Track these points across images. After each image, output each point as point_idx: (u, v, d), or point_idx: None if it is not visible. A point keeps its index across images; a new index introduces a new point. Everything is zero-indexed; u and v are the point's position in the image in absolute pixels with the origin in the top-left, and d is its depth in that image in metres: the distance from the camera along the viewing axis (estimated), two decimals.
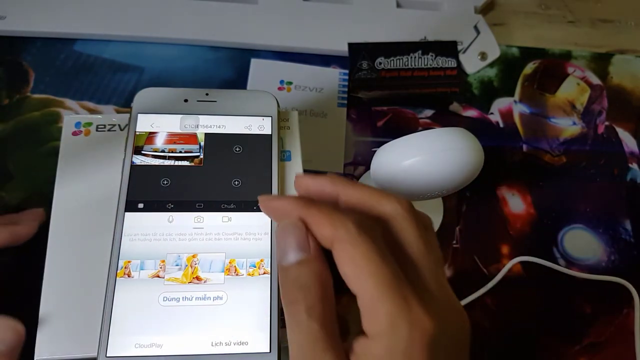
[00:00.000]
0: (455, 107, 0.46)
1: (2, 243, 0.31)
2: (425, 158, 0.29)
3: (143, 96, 0.30)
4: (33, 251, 0.34)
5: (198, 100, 0.30)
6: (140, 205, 0.27)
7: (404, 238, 0.22)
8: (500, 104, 0.46)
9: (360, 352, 0.20)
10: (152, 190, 0.28)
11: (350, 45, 0.45)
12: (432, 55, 0.45)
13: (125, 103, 0.42)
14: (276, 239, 0.23)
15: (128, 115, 0.30)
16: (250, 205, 0.28)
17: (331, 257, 0.22)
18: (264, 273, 0.26)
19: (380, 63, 0.45)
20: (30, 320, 0.26)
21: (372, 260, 0.20)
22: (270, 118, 0.31)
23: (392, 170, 0.30)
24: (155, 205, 0.27)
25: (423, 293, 0.21)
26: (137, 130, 0.29)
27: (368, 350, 0.20)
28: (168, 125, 0.29)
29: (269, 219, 0.28)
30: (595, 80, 0.48)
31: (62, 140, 0.30)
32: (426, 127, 0.45)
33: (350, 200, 0.23)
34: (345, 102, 0.44)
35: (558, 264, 0.41)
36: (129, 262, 0.26)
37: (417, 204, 0.39)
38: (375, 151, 0.32)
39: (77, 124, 0.31)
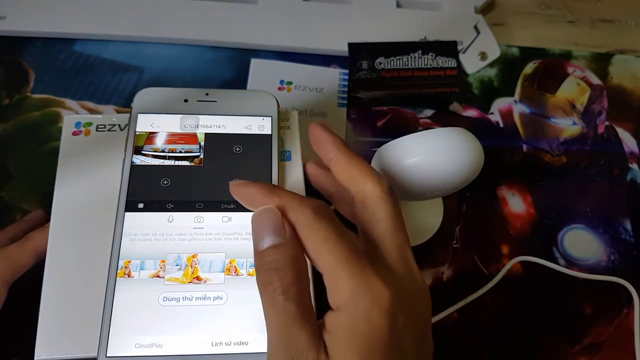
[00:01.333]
0: (455, 107, 0.46)
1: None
2: (425, 158, 0.29)
3: (143, 96, 0.30)
4: None
5: (198, 100, 0.30)
6: (140, 205, 0.27)
7: (377, 215, 0.25)
8: (500, 103, 0.46)
9: (329, 325, 0.22)
10: (152, 190, 0.28)
11: (350, 45, 0.45)
12: (432, 55, 0.45)
13: (125, 103, 0.42)
14: (252, 225, 0.24)
15: (128, 115, 0.30)
16: None
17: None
18: None
19: (380, 63, 0.45)
20: (30, 320, 0.26)
21: (330, 240, 0.22)
22: (270, 118, 0.31)
23: (392, 170, 0.30)
24: (155, 205, 0.27)
25: (382, 266, 0.23)
26: (137, 130, 0.29)
27: (335, 322, 0.22)
28: (168, 125, 0.30)
29: None
30: (595, 80, 0.48)
31: (62, 140, 0.30)
32: (426, 127, 0.45)
33: (338, 169, 0.26)
34: (345, 102, 0.44)
35: (558, 264, 0.41)
36: (129, 262, 0.26)
37: (417, 203, 0.39)
38: (375, 151, 0.32)
39: (77, 124, 0.31)
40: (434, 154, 0.29)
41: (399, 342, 0.22)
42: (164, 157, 0.29)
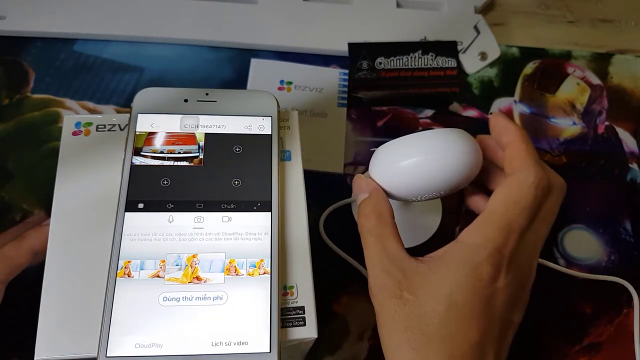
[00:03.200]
0: (455, 107, 0.46)
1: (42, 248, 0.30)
2: (422, 158, 0.29)
3: (143, 96, 0.30)
4: None
5: (198, 100, 0.30)
6: (140, 205, 0.27)
7: (517, 206, 0.28)
8: (500, 104, 0.46)
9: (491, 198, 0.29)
10: (152, 190, 0.28)
11: (350, 45, 0.45)
12: (432, 55, 0.45)
13: (125, 103, 0.42)
14: (353, 186, 0.32)
15: (128, 115, 0.30)
16: (250, 205, 0.28)
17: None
18: (264, 273, 0.26)
19: (380, 63, 0.45)
20: (30, 320, 0.26)
21: (531, 154, 0.29)
22: (270, 118, 0.31)
23: (390, 170, 0.30)
24: (155, 205, 0.27)
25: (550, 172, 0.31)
26: (137, 130, 0.29)
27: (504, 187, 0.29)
28: (168, 125, 0.30)
29: (269, 219, 0.28)
30: (596, 80, 0.48)
31: (62, 140, 0.30)
32: (426, 127, 0.45)
33: (512, 150, 0.30)
34: (345, 102, 0.44)
35: (558, 263, 0.41)
36: (129, 262, 0.26)
37: (415, 204, 0.39)
38: (374, 151, 0.32)
39: (77, 124, 0.31)
40: (431, 155, 0.29)
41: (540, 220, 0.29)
42: (164, 157, 0.29)
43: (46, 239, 0.28)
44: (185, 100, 0.30)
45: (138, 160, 0.28)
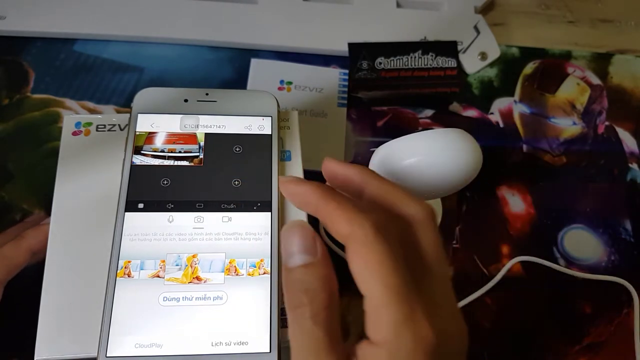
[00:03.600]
0: (455, 107, 0.46)
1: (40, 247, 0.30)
2: (422, 159, 0.29)
3: (143, 96, 0.30)
4: None
5: (198, 100, 0.30)
6: (140, 205, 0.27)
7: (423, 243, 0.22)
8: (500, 104, 0.46)
9: (363, 356, 0.20)
10: (152, 190, 0.28)
11: (350, 45, 0.45)
12: (432, 55, 0.45)
13: (125, 103, 0.42)
14: (282, 239, 0.22)
15: (128, 115, 0.30)
16: (250, 205, 0.28)
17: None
18: (264, 273, 0.26)
19: (380, 63, 0.45)
20: (30, 320, 0.26)
21: (385, 265, 0.20)
22: (270, 118, 0.31)
23: (390, 171, 0.30)
24: (155, 205, 0.27)
25: (430, 303, 0.21)
26: (137, 130, 0.29)
27: (370, 356, 0.20)
28: (168, 125, 0.30)
29: (269, 219, 0.28)
30: (596, 80, 0.48)
31: (62, 140, 0.30)
32: (426, 127, 0.45)
33: (376, 194, 0.23)
34: (345, 102, 0.44)
35: (558, 263, 0.41)
36: (129, 262, 0.26)
37: None
38: (373, 151, 0.32)
39: (77, 124, 0.31)
40: (431, 155, 0.29)
41: None
42: (164, 157, 0.29)
43: (45, 239, 0.28)
44: (185, 100, 0.30)
45: (138, 160, 0.28)
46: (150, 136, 0.29)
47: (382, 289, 0.20)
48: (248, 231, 0.27)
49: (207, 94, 0.31)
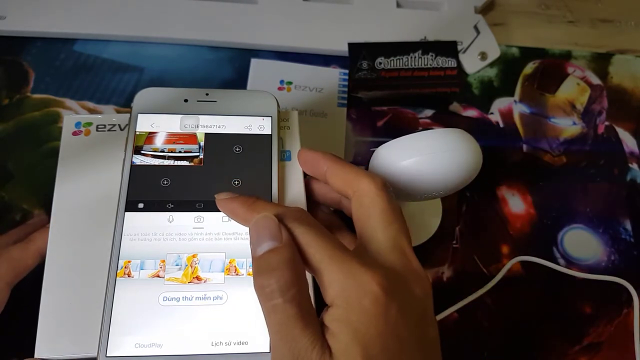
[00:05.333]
0: (455, 107, 0.46)
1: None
2: (422, 159, 0.29)
3: (143, 96, 0.30)
4: None
5: (198, 100, 0.30)
6: (140, 205, 0.27)
7: (371, 210, 0.26)
8: (500, 104, 0.46)
9: (327, 321, 0.22)
10: (152, 190, 0.28)
11: (350, 45, 0.45)
12: (432, 55, 0.45)
13: (125, 103, 0.42)
14: (250, 232, 0.24)
15: (128, 115, 0.30)
16: None
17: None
18: None
19: (380, 63, 0.45)
20: (30, 320, 0.26)
21: (313, 242, 0.23)
22: (270, 118, 0.31)
23: (390, 171, 0.30)
24: (155, 205, 0.27)
25: (372, 257, 0.24)
26: (137, 130, 0.29)
27: (332, 317, 0.22)
28: (168, 125, 0.30)
29: None
30: (596, 80, 0.48)
31: (62, 140, 0.30)
32: (426, 127, 0.45)
33: (334, 175, 0.28)
34: (345, 102, 0.44)
35: (558, 263, 0.41)
36: (129, 262, 0.26)
37: (416, 204, 0.39)
38: (373, 151, 0.32)
39: (77, 124, 0.31)
40: (431, 155, 0.29)
41: (395, 329, 0.22)
42: (164, 157, 0.29)
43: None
44: (185, 100, 0.30)
45: (138, 160, 0.28)
46: (150, 136, 0.29)
47: (319, 259, 0.23)
48: (248, 231, 0.27)
49: (207, 94, 0.31)
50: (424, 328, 0.24)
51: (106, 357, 0.24)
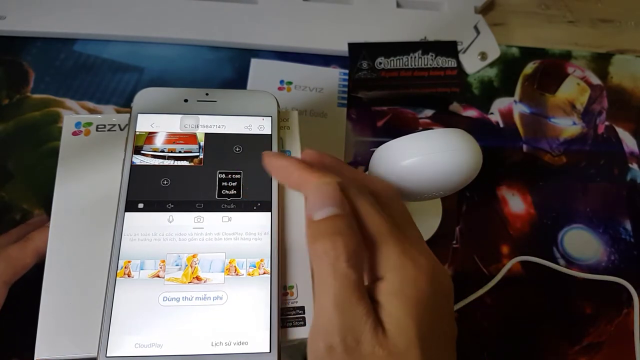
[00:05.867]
0: (455, 107, 0.46)
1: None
2: (422, 159, 0.29)
3: (143, 96, 0.30)
4: None
5: (198, 100, 0.30)
6: (140, 205, 0.27)
7: (395, 209, 0.26)
8: (500, 104, 0.46)
9: (379, 293, 0.23)
10: (152, 190, 0.28)
11: (350, 45, 0.45)
12: (432, 55, 0.45)
13: (125, 103, 0.42)
14: (312, 195, 0.24)
15: (128, 115, 0.30)
16: (250, 205, 0.28)
17: None
18: (264, 273, 0.26)
19: (380, 63, 0.45)
20: (30, 320, 0.26)
21: (378, 212, 0.24)
22: (270, 118, 0.31)
23: (390, 171, 0.30)
24: (155, 205, 0.27)
25: (416, 244, 0.25)
26: (137, 130, 0.29)
27: (386, 289, 0.22)
28: (168, 125, 0.30)
29: (269, 219, 0.28)
30: (596, 80, 0.48)
31: (62, 140, 0.30)
32: (426, 127, 0.45)
33: (350, 178, 0.26)
34: (345, 102, 0.44)
35: (558, 263, 0.41)
36: (129, 262, 0.26)
37: (416, 204, 0.39)
38: (373, 151, 0.32)
39: (77, 124, 0.31)
40: (431, 155, 0.29)
41: (438, 313, 0.23)
42: (163, 157, 0.29)
43: None
44: (185, 100, 0.30)
45: (138, 160, 0.28)
46: (150, 136, 0.29)
47: (380, 230, 0.23)
48: (248, 231, 0.27)
49: (207, 94, 0.31)
50: (451, 322, 0.25)
51: (106, 357, 0.24)
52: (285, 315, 0.26)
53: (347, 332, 0.21)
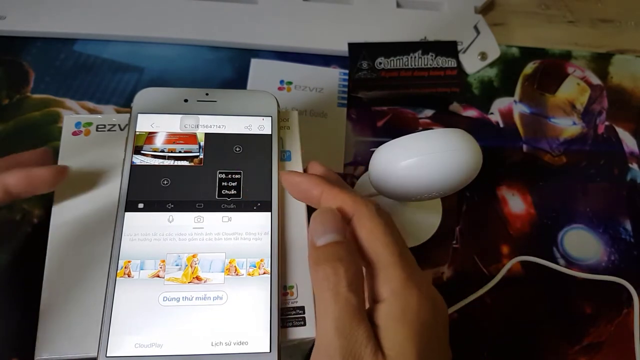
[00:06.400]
0: (455, 107, 0.46)
1: (18, 190, 0.26)
2: (422, 159, 0.29)
3: (143, 96, 0.30)
4: (33, 251, 0.34)
5: (198, 100, 0.30)
6: (140, 205, 0.27)
7: (376, 233, 0.25)
8: (500, 104, 0.46)
9: (380, 317, 0.23)
10: (152, 190, 0.28)
11: (350, 45, 0.45)
12: (432, 55, 0.45)
13: (125, 103, 0.42)
14: (313, 222, 0.25)
15: (128, 115, 0.30)
16: (250, 205, 0.28)
17: None
18: (264, 273, 0.26)
19: (380, 63, 0.45)
20: (30, 320, 0.26)
21: (388, 234, 0.24)
22: (270, 118, 0.31)
23: (390, 171, 0.30)
24: (155, 205, 0.27)
25: (417, 270, 0.25)
26: (137, 130, 0.29)
27: (387, 313, 0.23)
28: (168, 125, 0.30)
29: (269, 219, 0.28)
30: (596, 80, 0.48)
31: (62, 140, 0.30)
32: (426, 127, 0.45)
33: (330, 201, 0.26)
34: (345, 102, 0.44)
35: (558, 263, 0.41)
36: (129, 262, 0.26)
37: (416, 204, 0.39)
38: (373, 151, 0.32)
39: (77, 124, 0.31)
40: (431, 155, 0.29)
41: (437, 340, 0.23)
42: (163, 157, 0.29)
43: (26, 180, 0.26)
44: (185, 100, 0.30)
45: (138, 160, 0.28)
46: (150, 136, 0.29)
47: (388, 252, 0.23)
48: (248, 231, 0.27)
49: (207, 94, 0.31)
50: (447, 348, 0.25)
51: (106, 357, 0.24)
52: (285, 315, 0.26)
53: (348, 355, 0.21)
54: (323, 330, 0.22)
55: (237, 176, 0.29)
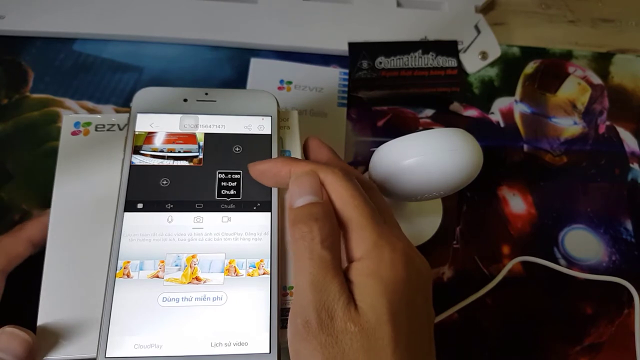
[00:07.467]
0: (455, 106, 0.46)
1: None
2: (422, 158, 0.29)
3: (142, 96, 0.30)
4: None
5: (197, 100, 0.30)
6: (140, 206, 0.27)
7: (378, 197, 0.28)
8: (500, 103, 0.46)
9: (354, 274, 0.24)
10: (151, 190, 0.28)
11: (351, 44, 0.45)
12: (432, 55, 0.45)
13: (124, 103, 0.42)
14: (291, 186, 0.26)
15: (127, 115, 0.30)
16: (250, 205, 0.28)
17: None
18: (264, 273, 0.26)
19: (380, 63, 0.44)
20: (29, 320, 0.26)
21: (356, 197, 0.25)
22: (270, 118, 0.30)
23: (390, 170, 0.30)
24: (154, 205, 0.27)
25: (394, 229, 0.26)
26: (136, 130, 0.29)
27: (360, 270, 0.23)
28: (167, 125, 0.29)
29: (269, 219, 0.28)
30: (596, 80, 0.48)
31: (61, 140, 0.30)
32: (426, 127, 0.44)
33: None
34: (345, 101, 0.44)
35: (559, 264, 0.40)
36: (128, 262, 0.26)
37: (416, 204, 0.39)
38: (374, 151, 0.32)
39: (76, 124, 0.31)
40: (431, 155, 0.29)
41: (413, 296, 0.24)
42: (163, 157, 0.29)
43: (44, 229, 0.28)
44: (185, 100, 0.30)
45: (137, 160, 0.28)
46: (149, 136, 0.29)
47: (358, 214, 0.24)
48: (248, 231, 0.27)
49: (206, 94, 0.31)
50: (429, 308, 0.25)
51: (105, 357, 0.24)
52: (285, 315, 0.26)
53: (322, 308, 0.22)
54: (299, 285, 0.23)
55: (236, 176, 0.29)
